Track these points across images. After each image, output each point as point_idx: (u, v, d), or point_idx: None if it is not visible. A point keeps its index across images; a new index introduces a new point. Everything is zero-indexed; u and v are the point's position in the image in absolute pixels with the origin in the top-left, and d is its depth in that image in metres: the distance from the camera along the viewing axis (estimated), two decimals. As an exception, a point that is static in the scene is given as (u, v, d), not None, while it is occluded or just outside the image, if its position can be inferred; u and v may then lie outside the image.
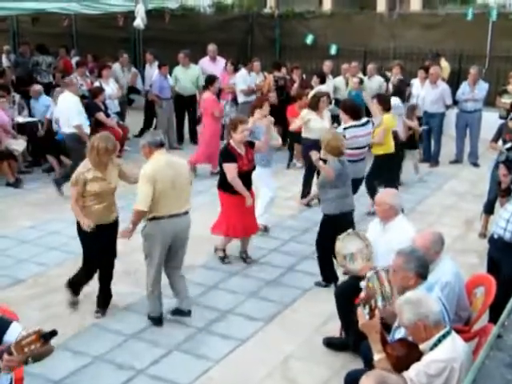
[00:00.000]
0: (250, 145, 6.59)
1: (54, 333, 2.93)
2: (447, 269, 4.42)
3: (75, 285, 5.75)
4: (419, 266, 4.02)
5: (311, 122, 8.27)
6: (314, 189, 7.56)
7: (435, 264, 4.38)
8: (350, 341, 5.00)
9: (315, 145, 7.47)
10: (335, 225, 5.88)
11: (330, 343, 5.19)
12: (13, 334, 3.14)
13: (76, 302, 5.81)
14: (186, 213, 5.41)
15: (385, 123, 8.03)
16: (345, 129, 7.35)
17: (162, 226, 5.24)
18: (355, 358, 4.81)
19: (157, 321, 5.50)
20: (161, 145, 5.31)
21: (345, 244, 5.04)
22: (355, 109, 7.54)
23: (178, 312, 5.58)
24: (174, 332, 5.39)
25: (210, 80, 9.87)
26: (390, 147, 8.22)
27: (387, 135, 8.10)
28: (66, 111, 9.00)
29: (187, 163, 5.99)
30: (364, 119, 7.54)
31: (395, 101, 9.15)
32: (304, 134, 8.46)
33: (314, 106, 8.29)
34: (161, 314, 5.54)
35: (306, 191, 8.57)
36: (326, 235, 5.96)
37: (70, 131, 8.96)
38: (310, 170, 8.26)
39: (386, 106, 8.21)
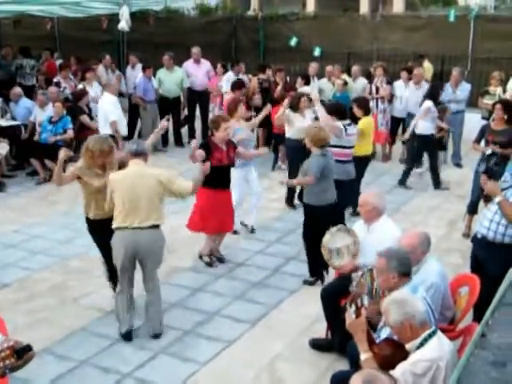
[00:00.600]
0: (232, 144, 6.63)
1: (27, 348, 2.90)
2: (433, 269, 4.45)
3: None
4: (399, 264, 4.04)
5: (294, 120, 8.36)
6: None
7: (421, 264, 4.42)
8: (335, 341, 5.03)
9: (298, 145, 7.54)
10: (318, 215, 6.13)
11: (316, 344, 5.21)
12: None
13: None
14: (151, 227, 5.12)
15: (361, 127, 8.09)
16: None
17: (122, 237, 5.09)
18: (342, 358, 4.83)
19: (124, 337, 5.29)
20: (135, 154, 5.19)
21: (334, 238, 5.06)
22: (340, 109, 7.58)
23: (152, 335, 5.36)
24: (160, 335, 5.37)
25: (237, 84, 9.86)
26: (367, 150, 8.34)
27: (364, 138, 8.14)
28: (104, 111, 9.12)
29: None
30: (348, 120, 7.58)
31: (429, 104, 9.28)
32: (287, 134, 8.54)
33: (295, 105, 8.36)
34: (128, 328, 5.32)
35: (291, 194, 8.59)
36: (310, 225, 6.23)
37: (108, 132, 8.98)
38: (294, 172, 8.30)
39: (366, 110, 8.34)
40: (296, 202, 8.45)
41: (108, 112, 9.38)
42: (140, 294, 5.55)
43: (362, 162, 8.12)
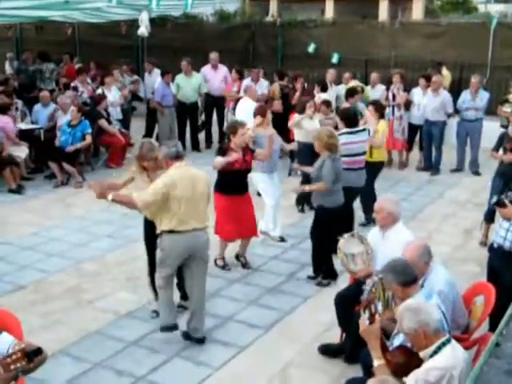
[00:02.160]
0: (249, 149, 6.64)
1: (38, 351, 2.91)
2: (440, 277, 4.41)
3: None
4: (395, 276, 4.01)
5: (303, 122, 8.49)
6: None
7: (427, 274, 4.38)
8: (346, 347, 5.01)
9: (307, 148, 7.58)
10: (329, 217, 6.28)
11: (326, 350, 5.18)
12: (1, 345, 3.12)
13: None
14: (205, 228, 5.23)
15: (380, 129, 8.18)
16: (338, 135, 7.39)
17: (179, 242, 5.07)
18: (354, 365, 4.81)
19: (170, 328, 5.31)
20: (177, 156, 5.10)
21: (348, 244, 5.06)
22: (350, 116, 7.57)
23: (187, 337, 5.39)
24: (175, 339, 5.38)
25: (351, 92, 9.84)
26: (380, 156, 8.36)
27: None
28: (243, 115, 9.17)
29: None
30: (360, 127, 7.56)
31: None
32: (296, 137, 8.63)
33: (301, 110, 8.54)
34: (174, 322, 5.33)
35: (301, 198, 8.61)
36: (320, 228, 6.35)
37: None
38: (305, 174, 8.39)
39: (381, 114, 8.44)
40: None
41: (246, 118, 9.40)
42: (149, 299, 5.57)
43: (374, 168, 8.13)
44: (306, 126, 8.42)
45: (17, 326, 3.93)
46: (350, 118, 7.47)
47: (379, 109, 8.48)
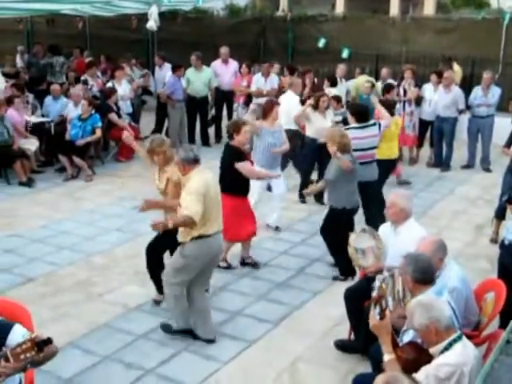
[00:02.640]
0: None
1: (48, 341, 2.91)
2: (453, 274, 4.39)
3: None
4: (415, 270, 3.99)
5: (312, 118, 8.46)
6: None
7: (441, 270, 4.36)
8: (358, 344, 5.00)
9: (316, 144, 7.56)
10: (341, 219, 6.30)
11: (341, 345, 5.18)
12: (15, 336, 3.12)
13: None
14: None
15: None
16: (346, 129, 7.37)
17: (209, 245, 5.01)
18: (363, 361, 4.81)
19: (187, 332, 5.28)
20: (195, 161, 4.97)
21: (359, 239, 5.05)
22: (361, 111, 7.53)
23: (196, 337, 5.32)
24: (183, 332, 5.39)
25: (387, 88, 9.88)
26: (391, 153, 8.31)
27: (389, 140, 8.11)
28: (287, 109, 9.18)
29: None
30: (371, 121, 7.52)
31: None
32: (307, 133, 8.69)
33: (315, 105, 8.47)
34: (189, 327, 5.28)
35: (304, 185, 8.56)
36: (331, 228, 6.39)
37: (290, 127, 9.13)
38: (310, 170, 8.66)
39: (390, 111, 8.29)
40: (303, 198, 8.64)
41: (291, 112, 9.23)
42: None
43: (386, 165, 8.08)
44: (318, 124, 8.37)
45: (27, 318, 3.94)
46: (361, 113, 7.43)
47: (387, 107, 8.29)
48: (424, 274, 4.01)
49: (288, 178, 8.99)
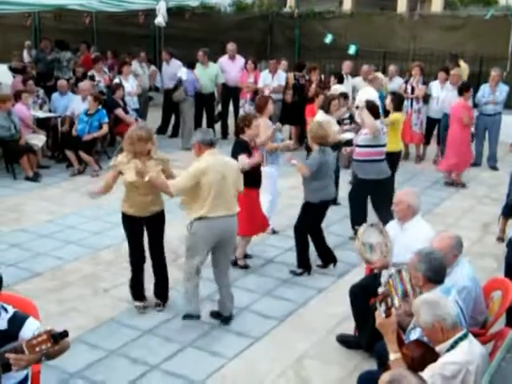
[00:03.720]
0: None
1: (64, 334, 2.92)
2: (465, 272, 4.37)
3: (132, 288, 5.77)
4: (428, 269, 3.96)
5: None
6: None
7: (452, 267, 4.34)
8: (362, 341, 4.99)
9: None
10: (315, 212, 6.42)
11: (344, 340, 5.18)
12: (29, 329, 3.13)
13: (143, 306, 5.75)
14: (234, 215, 5.36)
15: (393, 120, 8.17)
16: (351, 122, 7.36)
17: (209, 226, 5.18)
18: (369, 358, 4.81)
19: (194, 317, 5.40)
20: (211, 144, 5.22)
21: (368, 233, 5.02)
22: (373, 109, 7.48)
23: (216, 315, 5.57)
24: (189, 328, 5.40)
25: (464, 87, 9.82)
26: (396, 146, 8.29)
27: (393, 133, 8.10)
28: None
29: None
30: (380, 119, 7.48)
31: None
32: None
33: (327, 108, 8.33)
34: (197, 312, 5.42)
35: None
36: (305, 221, 6.48)
37: None
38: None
39: (398, 106, 8.38)
40: None
41: None
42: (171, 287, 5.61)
43: (391, 158, 8.07)
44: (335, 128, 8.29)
45: (34, 312, 3.96)
46: (374, 111, 7.37)
47: (396, 101, 8.37)
48: (437, 273, 4.00)
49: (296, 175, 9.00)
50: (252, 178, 6.31)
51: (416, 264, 4.01)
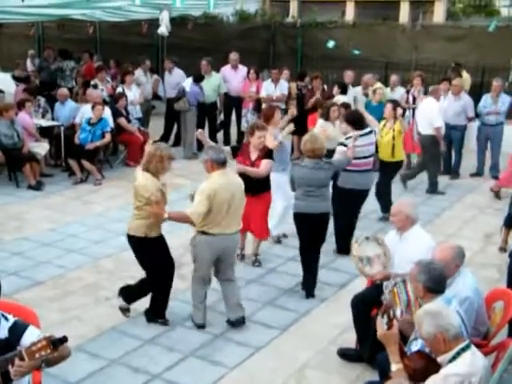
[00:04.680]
0: (265, 155, 6.53)
1: (63, 340, 2.90)
2: (467, 283, 4.37)
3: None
4: (428, 279, 3.97)
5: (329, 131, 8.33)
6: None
7: (454, 277, 4.34)
8: (364, 352, 4.97)
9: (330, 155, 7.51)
10: (300, 223, 6.31)
11: (345, 354, 5.16)
12: (29, 338, 3.12)
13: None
14: (237, 232, 5.53)
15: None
16: (346, 138, 7.34)
17: (211, 242, 5.31)
18: (371, 369, 4.79)
19: (199, 327, 5.57)
20: (223, 163, 5.31)
21: (362, 248, 5.02)
22: (356, 119, 7.49)
23: (230, 322, 5.62)
24: (190, 338, 5.40)
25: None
26: (399, 155, 8.43)
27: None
28: (428, 114, 9.48)
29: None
30: (367, 129, 7.50)
31: None
32: None
33: (325, 115, 8.39)
34: (202, 322, 5.59)
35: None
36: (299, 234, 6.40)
37: (428, 133, 9.50)
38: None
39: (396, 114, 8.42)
40: None
41: (434, 118, 9.47)
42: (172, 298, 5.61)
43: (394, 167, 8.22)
44: (328, 133, 8.26)
45: (36, 321, 3.95)
46: (356, 121, 7.41)
47: (395, 109, 8.40)
48: (437, 284, 4.00)
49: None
50: (261, 183, 6.50)
51: (416, 275, 4.02)
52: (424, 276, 3.98)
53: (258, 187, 6.50)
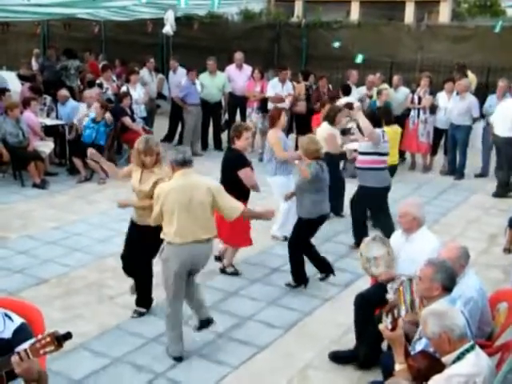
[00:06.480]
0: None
1: (68, 335, 2.89)
2: (471, 284, 4.36)
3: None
4: (446, 277, 3.99)
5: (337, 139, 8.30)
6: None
7: (460, 277, 4.33)
8: (360, 351, 4.96)
9: (331, 159, 7.50)
10: (309, 228, 6.29)
11: (337, 357, 5.11)
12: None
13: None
14: (207, 240, 4.98)
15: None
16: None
17: (177, 253, 4.86)
18: (374, 369, 4.77)
19: (177, 359, 5.08)
20: (183, 163, 4.90)
21: (369, 248, 5.02)
22: (374, 117, 7.46)
23: (202, 325, 5.36)
24: (194, 337, 5.39)
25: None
26: (393, 160, 8.20)
27: (391, 147, 7.96)
28: (508, 116, 9.39)
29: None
30: (382, 128, 7.47)
31: None
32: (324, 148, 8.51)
33: (331, 119, 8.24)
34: (181, 352, 5.13)
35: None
36: (300, 237, 6.33)
37: (508, 135, 9.41)
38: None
39: (387, 119, 8.17)
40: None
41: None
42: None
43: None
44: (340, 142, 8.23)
45: (40, 319, 3.95)
46: (375, 120, 7.36)
47: (384, 115, 8.14)
48: (452, 281, 4.04)
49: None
50: (240, 191, 6.12)
51: (432, 274, 4.00)
52: (441, 275, 3.98)
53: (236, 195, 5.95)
